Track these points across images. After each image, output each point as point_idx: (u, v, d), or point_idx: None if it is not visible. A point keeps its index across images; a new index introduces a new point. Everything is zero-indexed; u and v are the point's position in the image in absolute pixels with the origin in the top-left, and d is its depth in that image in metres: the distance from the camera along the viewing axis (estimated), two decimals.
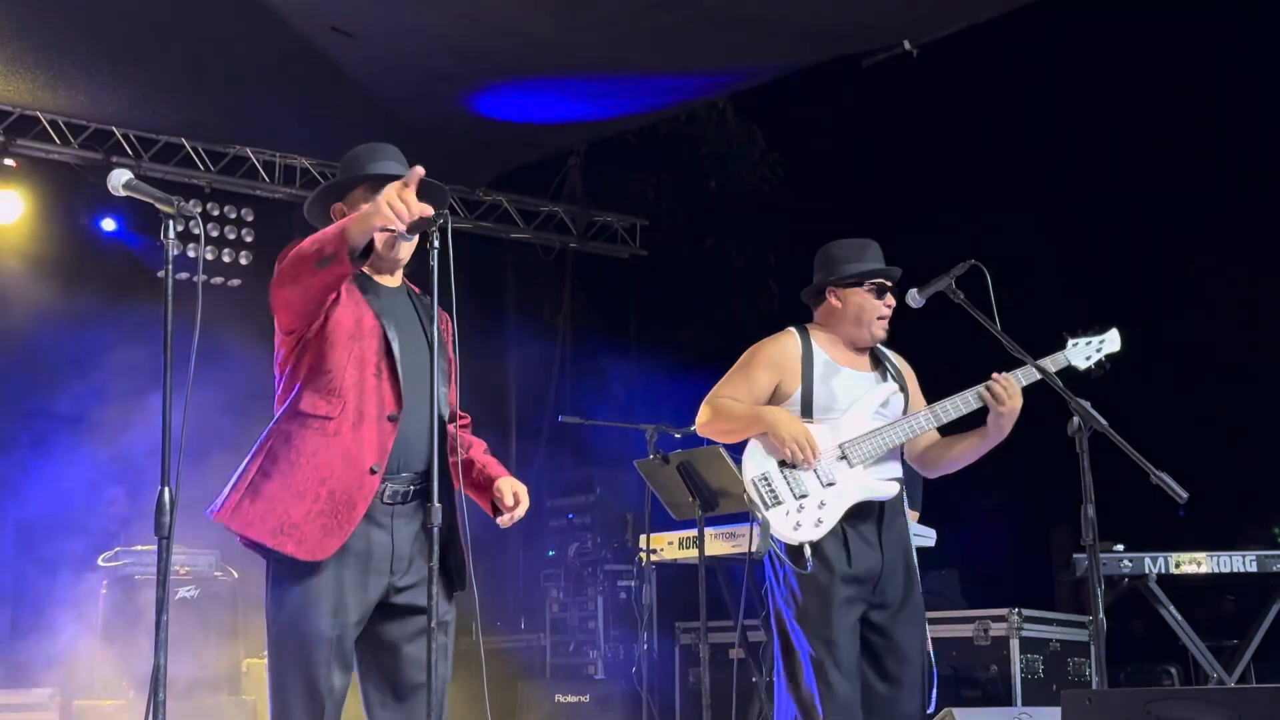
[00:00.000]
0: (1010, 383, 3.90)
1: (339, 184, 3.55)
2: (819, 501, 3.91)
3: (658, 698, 6.61)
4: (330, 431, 3.25)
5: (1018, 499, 7.21)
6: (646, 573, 6.29)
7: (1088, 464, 3.74)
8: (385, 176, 3.48)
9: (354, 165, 3.56)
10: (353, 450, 3.24)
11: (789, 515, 3.89)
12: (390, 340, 3.33)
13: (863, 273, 4.09)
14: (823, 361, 4.06)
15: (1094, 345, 4.00)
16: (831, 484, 3.93)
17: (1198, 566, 5.57)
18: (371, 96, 7.69)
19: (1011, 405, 3.89)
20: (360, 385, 3.28)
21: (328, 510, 3.21)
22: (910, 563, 4.03)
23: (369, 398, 3.28)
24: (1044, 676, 5.97)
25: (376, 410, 3.29)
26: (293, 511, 3.20)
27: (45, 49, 7.12)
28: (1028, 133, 7.47)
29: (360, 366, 3.31)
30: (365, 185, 3.50)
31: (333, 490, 3.22)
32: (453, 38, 7.07)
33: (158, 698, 2.56)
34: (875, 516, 3.97)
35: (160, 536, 2.74)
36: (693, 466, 5.54)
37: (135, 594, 6.25)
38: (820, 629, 3.85)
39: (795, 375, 4.03)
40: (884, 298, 4.09)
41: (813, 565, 3.85)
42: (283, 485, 3.22)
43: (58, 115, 7.94)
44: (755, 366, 4.09)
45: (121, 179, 2.97)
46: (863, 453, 3.95)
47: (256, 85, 7.69)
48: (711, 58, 7.36)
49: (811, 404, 4.00)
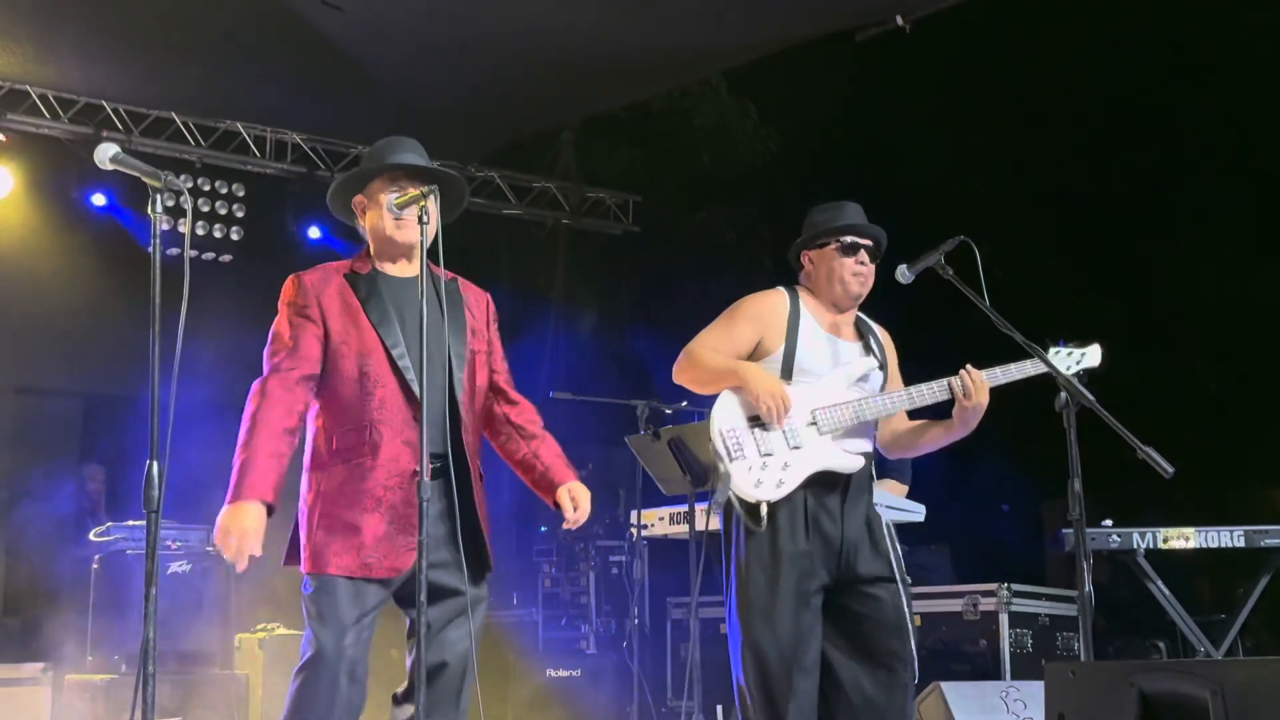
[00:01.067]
0: (978, 379, 3.90)
1: (358, 175, 3.65)
2: (783, 463, 3.88)
3: (649, 672, 6.64)
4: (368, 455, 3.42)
5: (1008, 474, 7.23)
6: (638, 548, 6.32)
7: (1075, 438, 3.75)
8: (402, 167, 3.57)
9: (375, 158, 3.66)
10: (395, 463, 3.41)
11: (751, 471, 3.87)
12: (390, 349, 3.45)
13: (829, 230, 4.07)
14: (809, 324, 4.04)
15: (1075, 357, 4.00)
16: (798, 447, 3.90)
17: (1186, 541, 5.59)
18: (363, 71, 7.66)
19: (976, 400, 3.89)
20: (384, 404, 3.44)
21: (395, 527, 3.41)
22: (875, 537, 3.97)
23: (393, 412, 3.43)
24: (1033, 651, 6.00)
25: (403, 416, 3.44)
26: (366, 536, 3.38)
27: (36, 22, 7.08)
28: (1020, 107, 7.46)
29: (372, 390, 3.45)
30: (383, 177, 3.60)
31: (393, 505, 3.40)
32: (443, 11, 7.04)
33: (147, 670, 2.57)
34: (840, 490, 3.94)
35: (149, 510, 2.76)
36: (684, 442, 5.56)
37: (127, 569, 6.26)
38: (756, 597, 3.83)
39: (779, 333, 4.00)
40: (855, 255, 4.04)
41: (764, 529, 3.84)
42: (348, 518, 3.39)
43: (47, 90, 7.90)
44: (739, 319, 4.05)
45: (109, 153, 2.97)
46: (833, 421, 3.93)
47: (247, 60, 7.66)
48: (705, 32, 7.33)
49: (792, 364, 3.97)
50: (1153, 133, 6.97)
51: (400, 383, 3.45)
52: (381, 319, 3.48)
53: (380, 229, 3.58)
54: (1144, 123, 6.98)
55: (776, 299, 4.08)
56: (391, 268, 3.61)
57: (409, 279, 3.56)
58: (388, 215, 3.55)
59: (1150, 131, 6.98)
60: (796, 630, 3.81)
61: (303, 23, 7.04)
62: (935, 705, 4.74)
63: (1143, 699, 2.89)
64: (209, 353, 5.38)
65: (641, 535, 6.26)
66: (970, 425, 3.96)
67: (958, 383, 3.91)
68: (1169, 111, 6.88)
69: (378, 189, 3.58)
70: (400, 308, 3.52)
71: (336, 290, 3.52)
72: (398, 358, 3.45)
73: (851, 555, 3.92)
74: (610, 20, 7.10)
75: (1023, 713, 4.69)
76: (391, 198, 3.51)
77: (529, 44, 7.39)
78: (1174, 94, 6.84)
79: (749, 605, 3.85)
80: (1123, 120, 7.08)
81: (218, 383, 5.66)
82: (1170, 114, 6.89)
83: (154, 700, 2.63)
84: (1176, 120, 6.90)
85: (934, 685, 4.86)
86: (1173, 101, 6.86)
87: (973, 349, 4.07)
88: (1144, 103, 6.90)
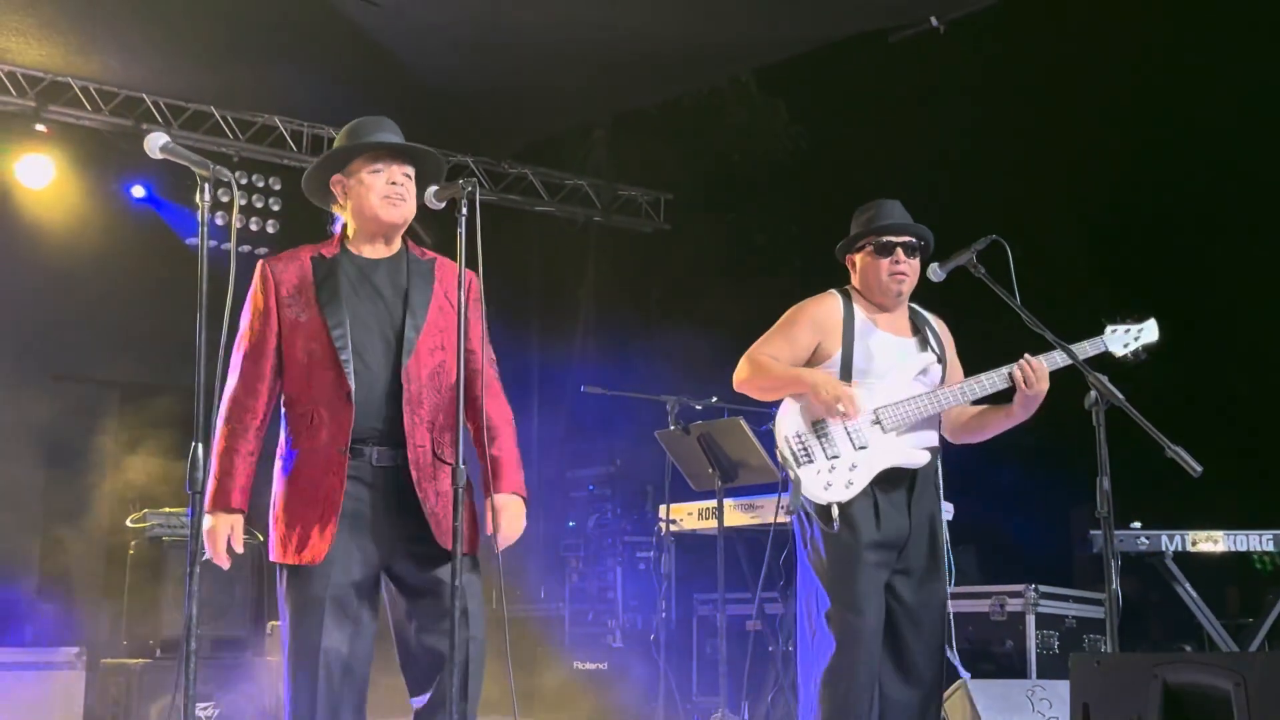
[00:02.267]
0: (1040, 366, 3.94)
1: (336, 155, 3.59)
2: (850, 464, 3.94)
3: (675, 667, 6.67)
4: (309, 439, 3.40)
5: (1037, 476, 7.21)
6: (665, 543, 6.35)
7: (1104, 437, 3.77)
8: (381, 145, 3.54)
9: (351, 137, 3.60)
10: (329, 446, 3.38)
11: (820, 475, 3.93)
12: (331, 329, 3.41)
13: (860, 233, 4.13)
14: (863, 324, 4.08)
15: (1132, 334, 4.03)
16: (864, 448, 3.96)
17: (1214, 545, 5.59)
18: (398, 66, 7.73)
19: (1039, 389, 3.94)
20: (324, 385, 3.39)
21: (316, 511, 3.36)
22: (935, 532, 4.05)
23: (332, 393, 3.39)
24: (1059, 652, 6.01)
25: (340, 396, 3.38)
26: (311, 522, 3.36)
27: (77, 14, 7.18)
28: (1054, 108, 7.43)
29: (315, 371, 3.42)
30: (363, 156, 3.55)
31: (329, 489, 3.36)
32: (479, 8, 7.10)
33: (189, 646, 2.63)
34: (907, 484, 4.00)
35: (193, 491, 2.81)
36: (713, 438, 5.60)
37: (162, 555, 6.34)
38: (843, 592, 3.89)
39: (836, 336, 4.05)
40: (891, 255, 4.08)
41: (839, 526, 3.89)
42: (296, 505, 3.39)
43: (89, 82, 8.00)
44: (798, 325, 4.10)
45: (159, 142, 3.01)
46: (897, 419, 3.98)
47: (285, 54, 7.74)
48: (738, 30, 7.36)
49: (851, 366, 4.02)
50: (1189, 135, 6.94)
51: (335, 364, 3.40)
52: (330, 299, 3.44)
53: (364, 208, 3.53)
54: (1180, 125, 6.95)
55: (831, 303, 4.13)
56: (367, 249, 3.56)
57: (375, 259, 3.54)
58: (374, 193, 3.51)
59: (1186, 134, 6.94)
60: (878, 621, 3.89)
61: (341, 18, 7.12)
62: (961, 702, 4.76)
63: (1166, 690, 2.92)
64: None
65: (669, 530, 6.28)
66: (1031, 411, 4.01)
67: (1019, 372, 3.95)
68: (1206, 114, 6.85)
69: (358, 168, 3.54)
70: (358, 288, 3.49)
71: (296, 273, 3.50)
72: (336, 338, 3.40)
73: (911, 547, 3.97)
74: (644, 18, 7.14)
75: (1048, 711, 4.70)
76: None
77: (562, 41, 7.44)
78: (1212, 96, 6.81)
79: (833, 599, 3.89)
80: (1158, 122, 7.05)
81: None
82: (1207, 116, 6.86)
83: (195, 675, 2.68)
84: (1214, 122, 6.86)
85: (960, 682, 4.88)
86: (1210, 103, 6.82)
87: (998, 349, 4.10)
88: (1181, 105, 6.87)
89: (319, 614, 3.32)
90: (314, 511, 3.36)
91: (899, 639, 3.95)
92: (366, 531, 3.38)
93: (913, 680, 3.95)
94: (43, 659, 6.38)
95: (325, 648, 3.32)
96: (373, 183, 3.53)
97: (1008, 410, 4.05)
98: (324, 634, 3.32)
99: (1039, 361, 3.95)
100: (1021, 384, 3.94)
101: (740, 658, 5.98)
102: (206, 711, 6.09)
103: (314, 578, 3.35)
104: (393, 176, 3.53)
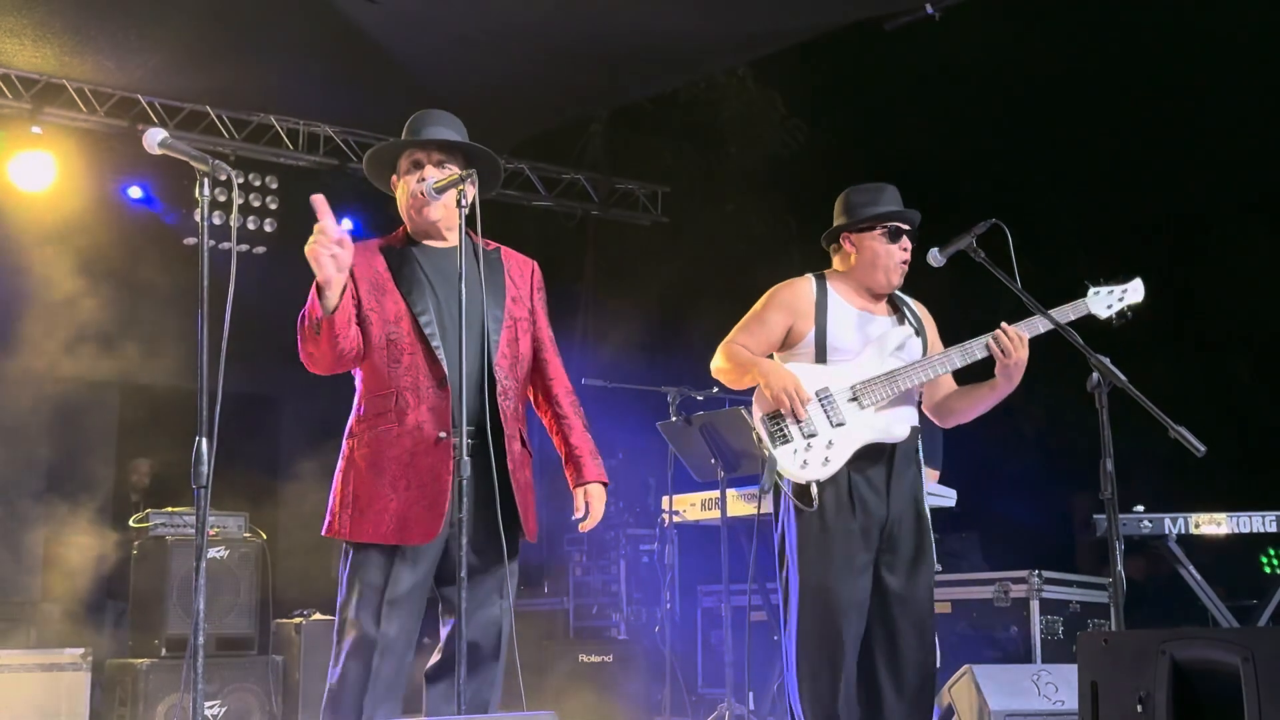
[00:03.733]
0: (1015, 335, 3.90)
1: (382, 152, 3.64)
2: (827, 441, 3.92)
3: (680, 658, 6.67)
4: (395, 422, 3.42)
5: (1040, 462, 7.23)
6: (669, 534, 6.35)
7: (1106, 419, 3.76)
8: (416, 143, 3.57)
9: (407, 131, 3.64)
10: (420, 430, 3.40)
11: (796, 454, 3.91)
12: (417, 315, 3.44)
13: (875, 216, 4.08)
14: (837, 304, 4.06)
15: (1116, 294, 3.99)
16: (841, 424, 3.93)
17: (1218, 527, 5.59)
18: (394, 63, 7.71)
19: (1017, 357, 3.89)
20: (411, 370, 3.43)
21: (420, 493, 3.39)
22: (921, 514, 4.02)
23: (420, 378, 3.42)
24: (1063, 638, 6.01)
25: (431, 383, 3.42)
26: (391, 504, 3.37)
27: (72, 16, 7.16)
28: (1051, 95, 7.44)
29: (398, 357, 3.45)
30: (404, 156, 3.59)
31: (419, 472, 3.38)
32: (475, 3, 7.09)
33: (197, 640, 2.63)
34: (885, 463, 3.97)
35: (198, 486, 2.81)
36: (715, 428, 5.60)
37: (166, 555, 6.34)
38: (813, 576, 3.86)
39: (808, 317, 4.04)
40: (899, 241, 4.08)
41: (816, 506, 3.87)
42: (375, 486, 3.40)
43: (84, 83, 7.99)
44: (769, 309, 4.11)
45: (157, 137, 3.01)
46: (875, 395, 3.96)
47: (280, 52, 7.73)
48: (733, 21, 7.35)
49: (825, 345, 4.01)
50: (1185, 119, 6.95)
51: (425, 349, 3.44)
52: (411, 287, 3.48)
53: (403, 205, 3.59)
54: (1176, 109, 6.95)
55: (802, 285, 4.12)
56: (428, 241, 3.60)
57: (447, 249, 3.56)
58: (407, 194, 3.55)
59: (1182, 118, 6.95)
60: (848, 607, 3.85)
61: (337, 15, 7.10)
62: (966, 688, 4.76)
63: (1174, 667, 2.92)
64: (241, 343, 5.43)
65: (673, 521, 6.29)
66: (1014, 381, 3.96)
67: (994, 344, 3.92)
68: (1202, 97, 6.85)
69: (401, 165, 3.60)
70: (434, 277, 3.51)
71: (368, 262, 3.52)
72: (424, 325, 3.43)
73: (895, 530, 3.95)
74: (639, 11, 7.13)
75: (1054, 695, 4.70)
76: (430, 182, 3.51)
77: (558, 36, 7.43)
78: (1210, 81, 6.81)
79: (803, 583, 3.88)
80: (1154, 107, 7.05)
81: (249, 373, 5.72)
82: (1203, 100, 6.86)
83: (202, 672, 2.68)
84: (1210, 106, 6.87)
85: (966, 668, 4.87)
86: (1208, 88, 6.83)
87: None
88: (1177, 89, 6.87)
89: (380, 598, 3.37)
90: (412, 493, 3.38)
91: (893, 624, 3.92)
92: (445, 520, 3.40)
93: (906, 663, 3.93)
94: (48, 660, 6.37)
95: (384, 632, 3.37)
96: (408, 181, 3.57)
97: (991, 384, 4.00)
98: (385, 620, 3.36)
99: (1014, 329, 3.91)
100: (999, 353, 3.90)
101: (745, 647, 5.99)
102: (213, 710, 6.09)
103: (397, 561, 3.39)
104: (425, 175, 3.55)
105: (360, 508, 3.42)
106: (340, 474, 3.50)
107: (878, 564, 3.94)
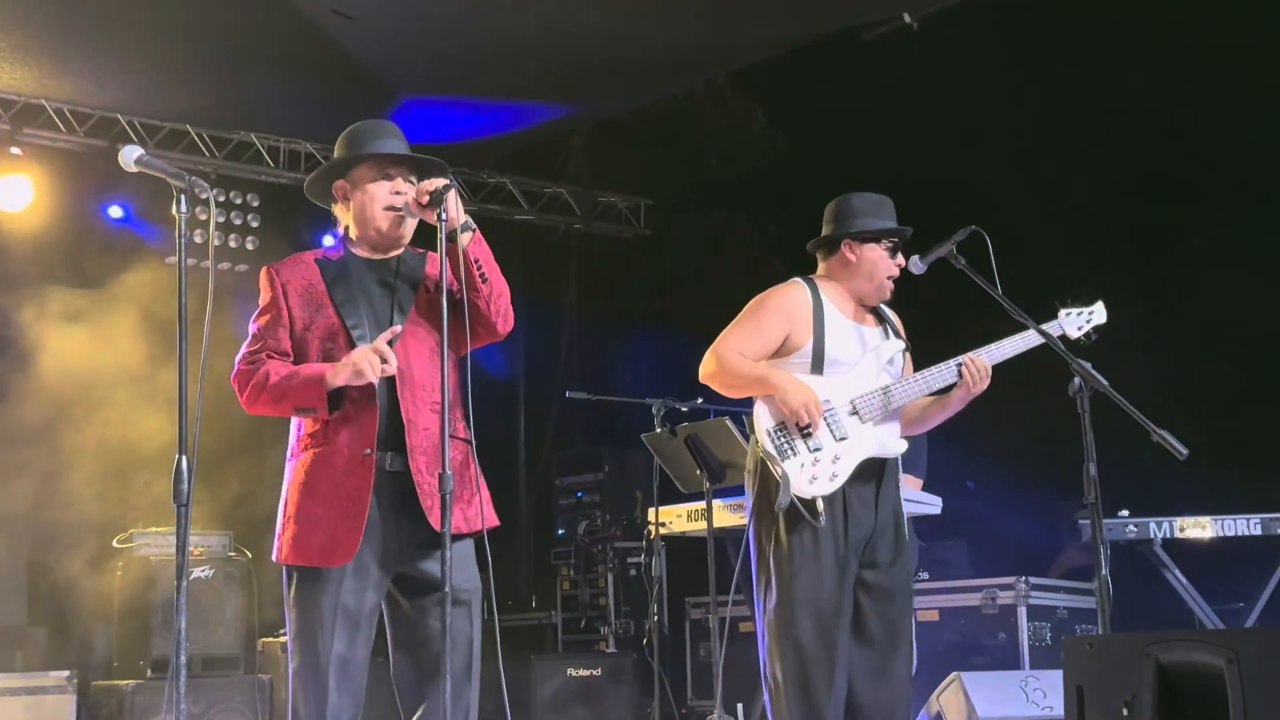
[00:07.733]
0: (982, 365, 3.98)
1: (342, 162, 3.58)
2: (833, 455, 3.91)
3: (669, 671, 6.66)
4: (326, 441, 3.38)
5: (1025, 470, 7.24)
6: (655, 546, 6.35)
7: (1089, 424, 3.79)
8: (388, 156, 3.54)
9: (355, 142, 3.58)
10: (350, 448, 3.36)
11: (804, 469, 3.90)
12: (350, 330, 3.42)
13: (882, 230, 4.09)
14: (833, 314, 4.06)
15: (1084, 315, 4.09)
16: (844, 438, 3.94)
17: (1202, 530, 5.61)
18: (374, 79, 7.72)
19: (981, 388, 3.99)
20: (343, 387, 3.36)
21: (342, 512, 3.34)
22: (899, 524, 4.04)
23: (351, 393, 3.37)
24: (1051, 643, 6.02)
25: (362, 397, 3.37)
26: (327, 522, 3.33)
27: (50, 37, 7.15)
28: (1030, 104, 7.46)
29: None
30: (368, 164, 3.53)
31: (349, 490, 3.34)
32: (453, 18, 7.10)
33: (179, 659, 2.62)
34: (875, 477, 3.98)
35: (178, 504, 2.79)
36: (700, 439, 5.60)
37: (151, 575, 6.31)
38: (805, 592, 3.86)
39: (806, 326, 4.01)
40: (896, 257, 4.10)
41: (804, 526, 3.86)
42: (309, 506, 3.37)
43: (63, 104, 7.97)
44: (766, 315, 4.06)
45: (133, 155, 3.00)
46: (873, 409, 3.97)
47: (260, 70, 7.72)
48: (710, 32, 7.37)
49: (823, 356, 4.00)
50: (1165, 124, 6.98)
51: None
52: (345, 300, 3.45)
53: (367, 218, 3.53)
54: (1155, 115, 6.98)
55: (798, 292, 4.09)
56: (368, 251, 3.57)
57: (381, 260, 3.55)
58: (377, 205, 3.51)
59: (1162, 123, 6.98)
60: (838, 622, 3.86)
61: (315, 31, 7.10)
62: (955, 695, 4.76)
63: (1159, 669, 2.93)
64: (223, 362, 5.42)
65: (659, 533, 6.28)
66: (965, 403, 4.06)
67: (966, 372, 3.97)
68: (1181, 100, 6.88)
69: (363, 176, 3.53)
70: (369, 289, 3.50)
71: (303, 277, 3.49)
72: (357, 338, 3.40)
73: (877, 541, 3.96)
74: (615, 24, 7.15)
75: (1043, 701, 4.71)
76: (410, 193, 3.50)
77: (536, 49, 7.44)
78: (1186, 83, 6.85)
79: (792, 598, 3.87)
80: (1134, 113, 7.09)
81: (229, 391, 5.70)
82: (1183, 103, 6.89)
83: (187, 692, 2.67)
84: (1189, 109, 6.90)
85: (954, 676, 4.89)
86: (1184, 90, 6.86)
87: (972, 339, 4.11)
88: (1155, 95, 6.90)
89: (331, 619, 3.31)
90: (335, 513, 3.33)
91: (870, 632, 3.92)
92: (377, 537, 3.37)
93: (884, 670, 3.93)
94: (33, 684, 6.35)
95: (337, 654, 3.31)
96: (376, 193, 3.53)
97: (942, 401, 4.08)
98: (335, 640, 3.31)
99: (981, 359, 3.99)
100: (970, 382, 3.97)
101: (735, 660, 5.98)
102: None
103: (331, 581, 3.33)
104: (398, 188, 3.52)
105: (295, 531, 3.39)
106: (283, 498, 3.48)
107: (860, 573, 3.95)
